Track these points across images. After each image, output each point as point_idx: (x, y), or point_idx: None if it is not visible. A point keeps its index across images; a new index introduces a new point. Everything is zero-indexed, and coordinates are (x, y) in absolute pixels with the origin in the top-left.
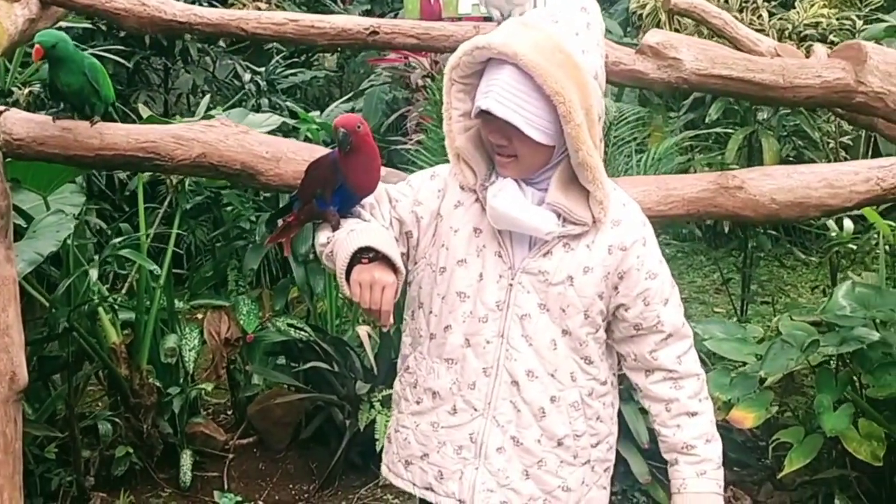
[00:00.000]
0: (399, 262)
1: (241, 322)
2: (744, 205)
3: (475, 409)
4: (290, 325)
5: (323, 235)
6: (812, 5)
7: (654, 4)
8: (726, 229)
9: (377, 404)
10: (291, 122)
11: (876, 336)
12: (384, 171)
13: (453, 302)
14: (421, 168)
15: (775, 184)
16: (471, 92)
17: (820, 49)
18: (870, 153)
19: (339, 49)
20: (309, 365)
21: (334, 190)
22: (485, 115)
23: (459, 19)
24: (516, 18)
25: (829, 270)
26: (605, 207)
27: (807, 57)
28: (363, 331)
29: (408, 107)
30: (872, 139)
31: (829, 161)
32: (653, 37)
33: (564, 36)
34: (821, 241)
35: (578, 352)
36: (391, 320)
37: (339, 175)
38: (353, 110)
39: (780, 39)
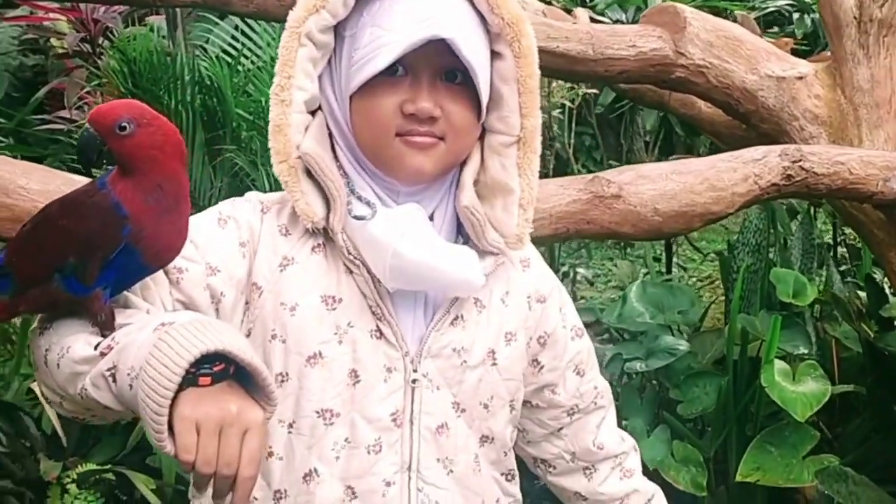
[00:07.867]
0: (271, 383)
1: None
2: (622, 219)
3: None
4: None
5: (80, 341)
6: None
7: None
8: None
9: (72, 487)
10: None
11: (685, 346)
12: None
13: (312, 429)
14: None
15: (655, 189)
16: (322, 60)
17: (582, 13)
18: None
19: None
20: None
21: (109, 257)
22: (394, 66)
23: None
24: None
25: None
26: (529, 220)
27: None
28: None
29: (59, 79)
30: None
31: None
32: None
33: None
34: None
35: (500, 466)
36: (249, 495)
37: (126, 227)
38: None
39: None
